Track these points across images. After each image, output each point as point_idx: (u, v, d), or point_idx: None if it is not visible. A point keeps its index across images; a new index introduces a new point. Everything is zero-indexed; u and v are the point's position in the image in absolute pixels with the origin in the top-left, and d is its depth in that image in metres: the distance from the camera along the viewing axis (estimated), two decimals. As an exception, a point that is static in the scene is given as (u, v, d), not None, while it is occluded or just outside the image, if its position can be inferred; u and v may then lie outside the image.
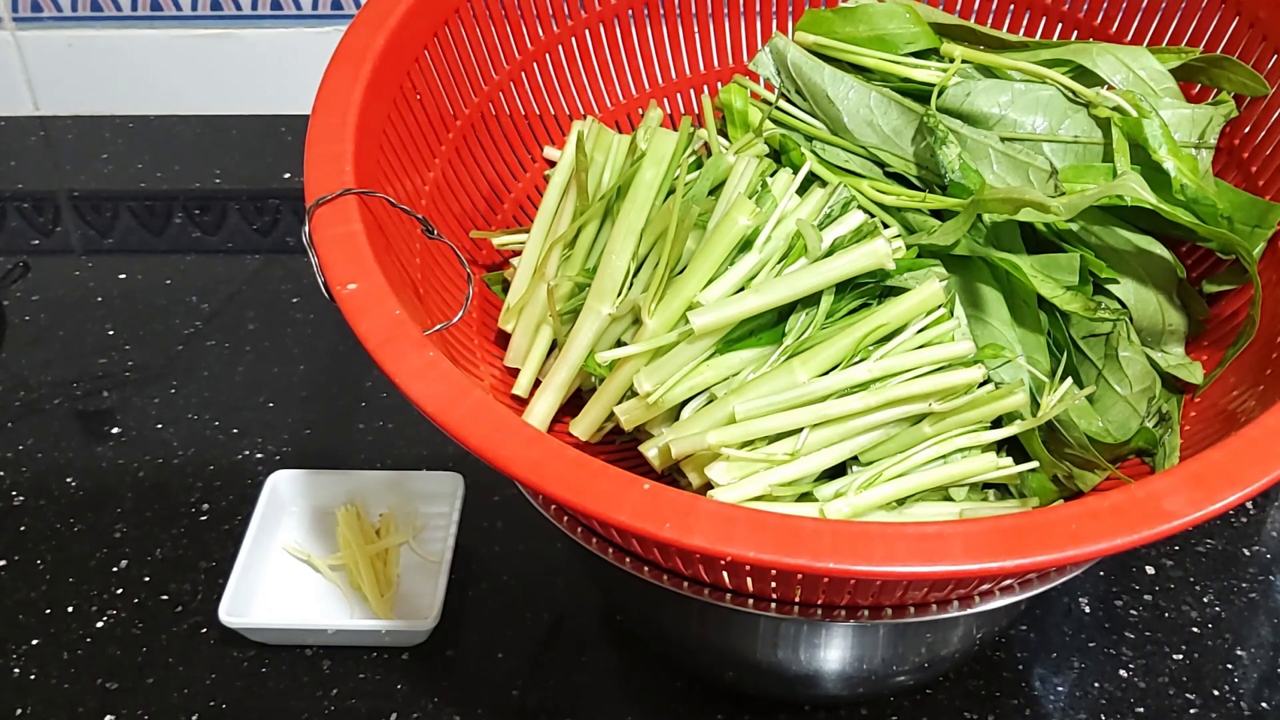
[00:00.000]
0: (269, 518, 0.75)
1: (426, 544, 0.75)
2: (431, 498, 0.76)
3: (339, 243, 0.53)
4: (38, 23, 1.03)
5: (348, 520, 0.75)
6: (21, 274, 0.95)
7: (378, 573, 0.73)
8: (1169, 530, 0.44)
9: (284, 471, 0.76)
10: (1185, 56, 0.66)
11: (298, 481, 0.76)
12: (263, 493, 0.75)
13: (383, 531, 0.76)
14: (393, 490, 0.77)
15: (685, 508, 0.44)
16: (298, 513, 0.77)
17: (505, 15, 0.69)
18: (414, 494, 0.77)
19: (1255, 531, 0.77)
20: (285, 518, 0.76)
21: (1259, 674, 0.70)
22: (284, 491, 0.76)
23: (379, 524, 0.76)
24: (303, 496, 0.77)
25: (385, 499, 0.77)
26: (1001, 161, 0.64)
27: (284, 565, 0.74)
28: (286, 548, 0.75)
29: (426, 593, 0.72)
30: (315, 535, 0.76)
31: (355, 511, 0.76)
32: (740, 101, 0.68)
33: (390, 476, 0.77)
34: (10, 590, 0.74)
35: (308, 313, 0.91)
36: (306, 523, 0.76)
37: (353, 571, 0.73)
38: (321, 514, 0.77)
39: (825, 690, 0.66)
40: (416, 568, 0.74)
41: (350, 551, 0.74)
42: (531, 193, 0.74)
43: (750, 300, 0.57)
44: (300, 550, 0.75)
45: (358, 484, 0.77)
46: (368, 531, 0.75)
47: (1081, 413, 0.59)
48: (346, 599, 0.73)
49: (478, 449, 0.46)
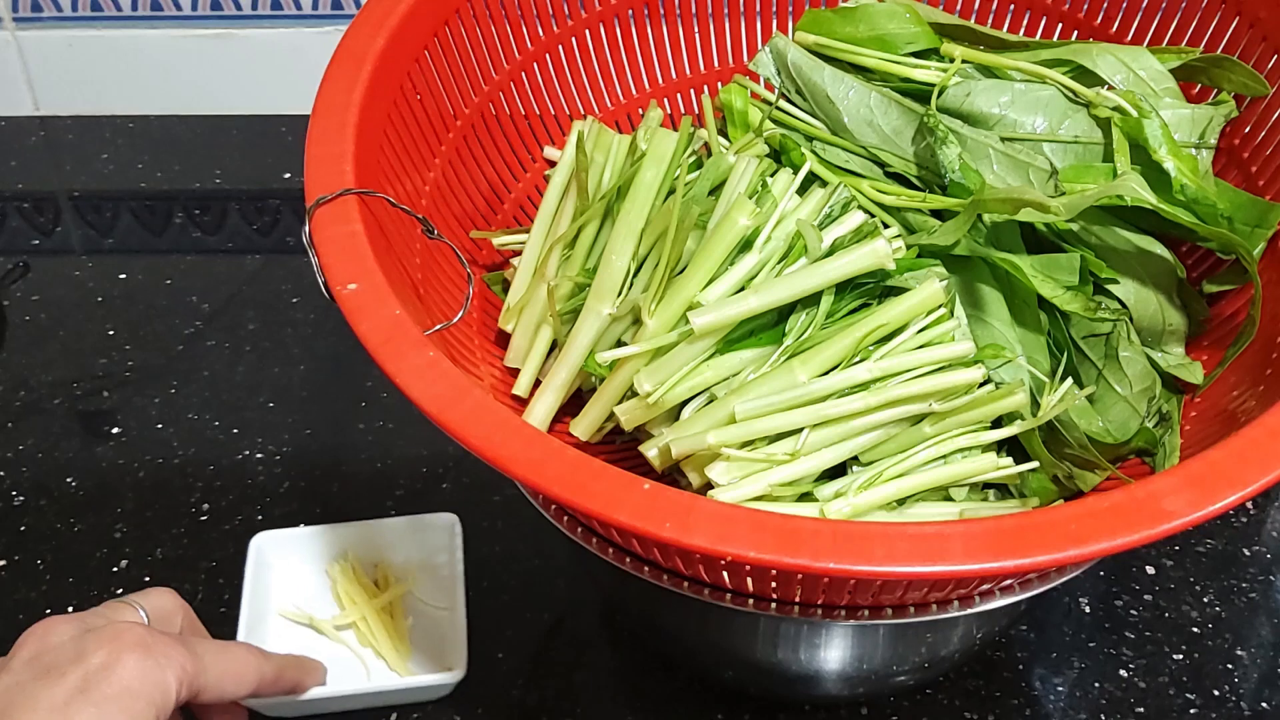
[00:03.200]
0: (259, 583, 0.70)
1: (430, 589, 0.72)
2: (426, 540, 0.72)
3: (339, 243, 0.53)
4: (38, 22, 1.03)
5: (345, 576, 0.71)
6: (21, 274, 0.95)
7: (388, 628, 0.69)
8: (1169, 530, 0.43)
9: (266, 533, 0.72)
10: (1185, 56, 0.66)
11: (283, 542, 0.72)
12: (248, 558, 0.70)
13: (382, 583, 0.72)
14: (383, 538, 0.73)
15: (685, 508, 0.44)
16: (287, 574, 0.72)
17: (505, 15, 0.69)
18: (407, 539, 0.73)
19: (1255, 531, 0.77)
20: (275, 581, 0.72)
21: (1259, 674, 0.70)
22: (269, 553, 0.72)
23: (374, 575, 0.72)
24: (290, 556, 0.72)
25: (377, 549, 0.73)
26: (1002, 161, 0.64)
27: (284, 631, 0.70)
28: (282, 613, 0.71)
29: (444, 642, 0.69)
30: (311, 595, 0.72)
31: (350, 566, 0.72)
32: (740, 101, 0.68)
33: (377, 525, 0.73)
34: (10, 590, 0.74)
35: (308, 313, 0.91)
36: (299, 583, 0.72)
37: (361, 630, 0.70)
38: (313, 573, 0.72)
39: (825, 690, 0.66)
40: (425, 616, 0.71)
41: (356, 608, 0.70)
42: (531, 193, 0.74)
43: (750, 300, 0.57)
44: (299, 614, 0.70)
45: (346, 536, 0.73)
46: (367, 585, 0.71)
47: (1082, 413, 0.59)
48: (360, 658, 0.69)
49: (478, 449, 0.46)
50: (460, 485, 0.79)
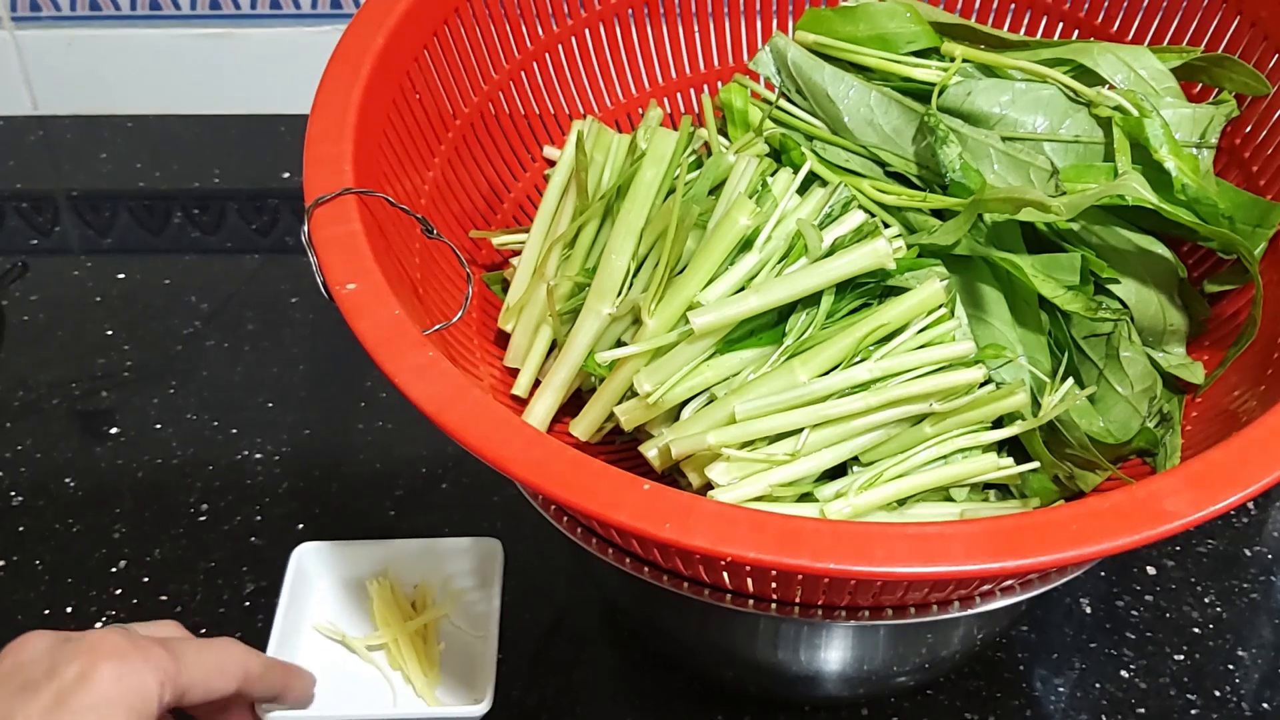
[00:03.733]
0: (297, 593, 0.69)
1: (464, 613, 0.70)
2: (466, 563, 0.71)
3: (338, 242, 0.53)
4: (37, 22, 1.03)
5: (382, 595, 0.70)
6: (20, 274, 0.95)
7: (419, 652, 0.68)
8: (1170, 530, 0.43)
9: (310, 544, 0.71)
10: (1186, 56, 0.66)
11: (325, 554, 0.71)
12: (289, 567, 0.70)
13: (419, 605, 0.71)
14: (425, 558, 0.71)
15: (685, 508, 0.44)
16: (327, 587, 0.71)
17: (505, 15, 0.69)
18: (449, 561, 0.71)
19: (1256, 532, 0.77)
20: (313, 593, 0.71)
21: (1260, 674, 0.70)
22: (310, 565, 0.71)
23: (413, 595, 0.71)
24: (331, 570, 0.71)
25: (417, 568, 0.71)
26: (1002, 161, 0.63)
27: (317, 646, 0.69)
28: (317, 627, 0.70)
29: (473, 670, 0.68)
30: (347, 611, 0.71)
31: (389, 585, 0.70)
32: (740, 101, 0.68)
33: (421, 545, 0.71)
34: (9, 590, 0.74)
35: (307, 313, 0.91)
36: (337, 597, 0.71)
37: (393, 652, 0.68)
38: (352, 587, 0.71)
39: (826, 691, 0.66)
40: (458, 640, 0.70)
41: (390, 631, 0.69)
42: (531, 193, 0.74)
43: (750, 300, 0.57)
44: (334, 630, 0.70)
45: (388, 553, 0.71)
46: (403, 606, 0.70)
47: (1082, 413, 0.59)
48: (388, 681, 0.68)
49: (477, 449, 0.46)
50: (459, 486, 0.79)
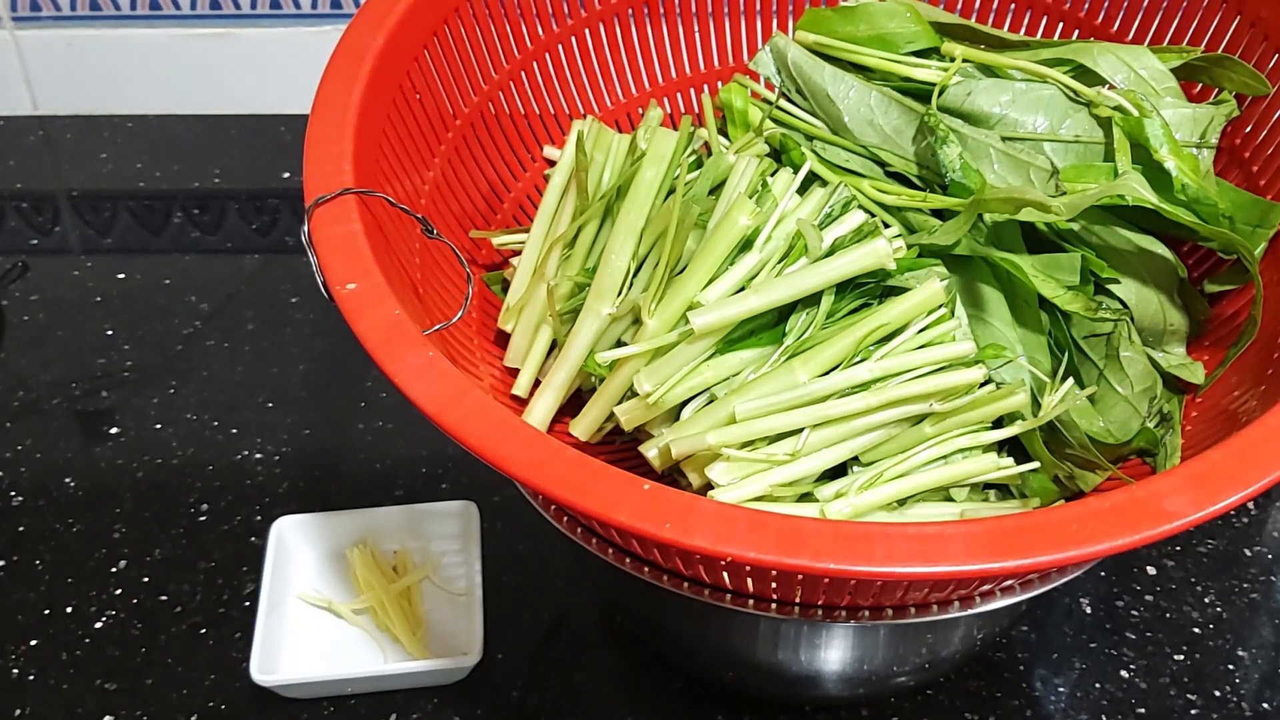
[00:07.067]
0: (279, 567, 0.72)
1: (446, 576, 0.73)
2: (444, 527, 0.74)
3: (338, 242, 0.53)
4: (37, 22, 1.03)
5: (363, 561, 0.72)
6: (20, 274, 0.95)
7: (405, 612, 0.71)
8: (1170, 531, 0.43)
9: (287, 518, 0.73)
10: (1186, 56, 0.66)
11: (303, 526, 0.73)
12: (269, 542, 0.72)
13: (400, 569, 0.73)
14: (403, 525, 0.74)
15: (685, 508, 0.44)
16: (307, 559, 0.74)
17: (505, 14, 0.69)
18: (426, 526, 0.74)
19: (1256, 532, 0.77)
20: (295, 565, 0.73)
21: (1260, 674, 0.70)
22: (289, 538, 0.73)
23: (394, 561, 0.74)
24: (310, 541, 0.74)
25: (396, 535, 0.74)
26: (1002, 161, 0.63)
27: (303, 615, 0.72)
28: (302, 596, 0.72)
29: (460, 627, 0.70)
30: (330, 580, 0.73)
31: (369, 551, 0.73)
32: (740, 101, 0.68)
33: (398, 511, 0.74)
34: (9, 591, 0.74)
35: (307, 313, 0.91)
36: (318, 568, 0.74)
37: (378, 614, 0.71)
38: (333, 557, 0.74)
39: (826, 691, 0.66)
40: (441, 601, 0.72)
41: (374, 593, 0.71)
42: (531, 192, 0.74)
43: (750, 300, 0.57)
44: (319, 597, 0.72)
45: (366, 522, 0.74)
46: (385, 570, 0.73)
47: (1083, 413, 0.59)
48: (376, 642, 0.71)
49: (477, 449, 0.46)
50: (459, 486, 0.79)
